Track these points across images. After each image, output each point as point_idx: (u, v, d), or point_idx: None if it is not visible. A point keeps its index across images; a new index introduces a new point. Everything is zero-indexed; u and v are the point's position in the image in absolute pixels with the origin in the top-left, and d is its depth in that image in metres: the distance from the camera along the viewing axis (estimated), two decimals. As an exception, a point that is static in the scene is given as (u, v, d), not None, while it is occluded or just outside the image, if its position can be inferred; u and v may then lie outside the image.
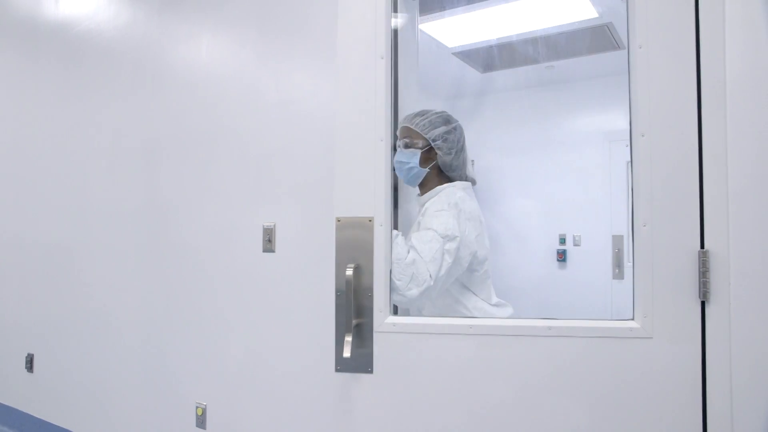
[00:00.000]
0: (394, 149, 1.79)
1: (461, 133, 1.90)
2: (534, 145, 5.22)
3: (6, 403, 3.71)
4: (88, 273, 3.18)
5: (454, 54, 4.45)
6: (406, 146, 1.84)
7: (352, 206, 1.47)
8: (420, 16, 2.15)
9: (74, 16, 3.38)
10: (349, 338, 1.40)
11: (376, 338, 1.45)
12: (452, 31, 3.98)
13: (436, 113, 1.88)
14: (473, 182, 1.96)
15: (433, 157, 1.85)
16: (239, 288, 2.44)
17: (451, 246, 1.69)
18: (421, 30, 2.20)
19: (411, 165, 1.83)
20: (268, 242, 2.31)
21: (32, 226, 3.61)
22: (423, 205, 1.84)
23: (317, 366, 2.14)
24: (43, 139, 3.56)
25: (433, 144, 1.84)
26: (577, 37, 4.02)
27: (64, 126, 3.40)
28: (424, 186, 1.89)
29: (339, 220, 1.48)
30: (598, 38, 4.14)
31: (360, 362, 1.45)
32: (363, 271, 1.45)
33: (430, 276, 1.62)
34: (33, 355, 3.51)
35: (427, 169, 1.85)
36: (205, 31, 2.65)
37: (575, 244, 5.10)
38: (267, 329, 2.33)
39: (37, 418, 3.47)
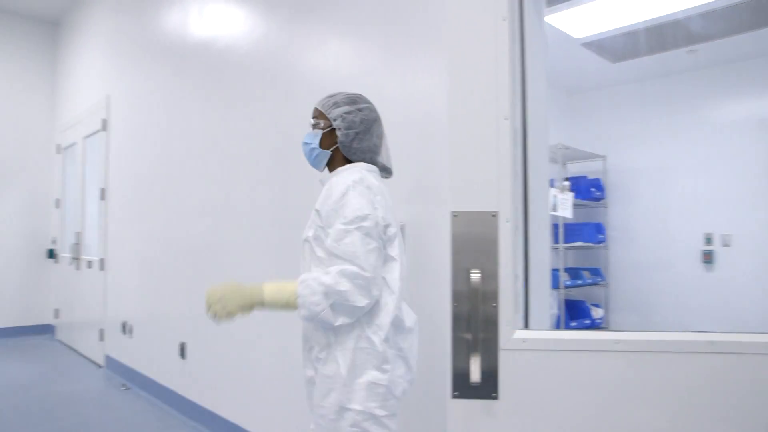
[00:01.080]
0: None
1: (368, 116, 1.81)
2: (674, 136, 4.83)
3: (164, 384, 4.14)
4: (230, 268, 3.45)
5: (582, 45, 4.23)
6: (313, 127, 1.81)
7: (471, 198, 1.24)
8: (546, 8, 2.05)
9: (215, 33, 3.68)
10: (476, 358, 1.18)
11: (502, 357, 1.19)
12: (580, 20, 3.79)
13: (346, 94, 1.83)
14: (386, 172, 1.90)
15: (336, 140, 1.79)
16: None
17: (366, 225, 1.59)
18: (547, 22, 2.11)
19: (313, 146, 1.80)
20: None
21: (181, 226, 3.99)
22: (324, 187, 1.76)
23: (427, 390, 2.00)
24: (189, 146, 3.92)
25: (333, 124, 1.78)
26: (729, 15, 3.63)
27: (207, 134, 3.72)
28: (330, 170, 1.84)
29: (455, 215, 1.25)
30: (756, 13, 3.69)
31: (482, 387, 1.19)
32: (484, 276, 1.20)
33: (363, 271, 1.54)
34: (185, 343, 3.88)
35: (328, 152, 1.80)
36: (331, 38, 2.76)
37: (724, 245, 4.64)
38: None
39: (188, 399, 3.83)
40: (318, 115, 1.83)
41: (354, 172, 1.71)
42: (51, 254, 6.81)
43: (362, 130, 1.79)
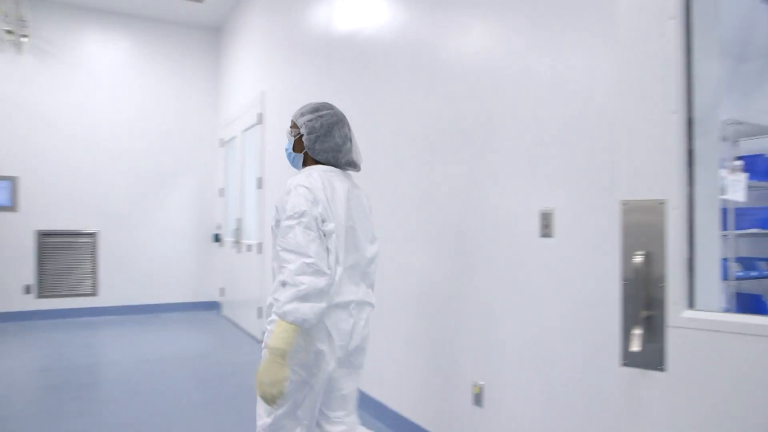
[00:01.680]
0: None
1: (329, 121, 2.11)
2: None
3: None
4: (404, 253, 3.56)
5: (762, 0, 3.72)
6: (288, 135, 2.19)
7: (640, 188, 1.34)
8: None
9: (358, 25, 3.80)
10: (637, 331, 1.29)
11: (670, 334, 1.28)
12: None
13: (312, 104, 2.16)
14: (352, 166, 2.19)
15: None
16: (516, 271, 2.45)
17: (302, 221, 1.89)
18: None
19: (289, 150, 2.17)
20: (546, 227, 2.27)
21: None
22: None
23: (598, 358, 2.04)
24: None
25: (300, 130, 2.12)
26: None
27: (354, 123, 3.85)
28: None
29: (625, 204, 1.36)
30: None
31: (650, 358, 1.31)
32: (653, 259, 1.31)
33: (302, 264, 1.83)
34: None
35: (300, 154, 2.15)
36: (475, 22, 2.72)
37: None
38: (544, 314, 2.31)
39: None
40: (292, 124, 2.17)
41: (302, 177, 2.02)
42: (216, 238, 7.55)
43: (323, 133, 2.10)
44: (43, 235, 6.86)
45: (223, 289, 7.34)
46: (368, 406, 3.52)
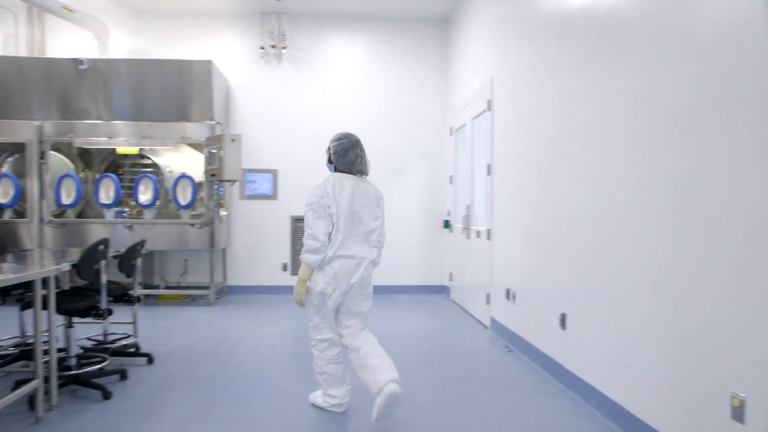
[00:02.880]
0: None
1: (345, 145, 3.39)
2: None
3: (543, 351, 4.27)
4: (611, 241, 3.29)
5: None
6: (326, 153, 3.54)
7: None
8: None
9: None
10: None
11: None
12: None
13: (338, 135, 3.46)
14: (362, 173, 3.45)
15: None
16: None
17: (313, 207, 3.24)
18: None
19: (326, 163, 3.51)
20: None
21: (563, 198, 3.98)
22: None
23: None
24: (570, 119, 3.87)
25: (330, 151, 3.44)
26: None
27: (588, 105, 3.59)
28: None
29: None
30: None
31: None
32: None
33: (312, 234, 3.22)
34: (565, 314, 3.90)
35: (331, 165, 3.44)
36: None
37: None
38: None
39: (566, 369, 3.85)
40: (327, 148, 3.48)
41: (320, 181, 3.32)
42: (446, 224, 7.78)
43: (342, 154, 3.39)
44: (297, 220, 7.85)
45: (452, 274, 7.54)
46: (612, 413, 3.29)
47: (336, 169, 3.41)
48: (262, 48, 7.78)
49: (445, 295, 7.87)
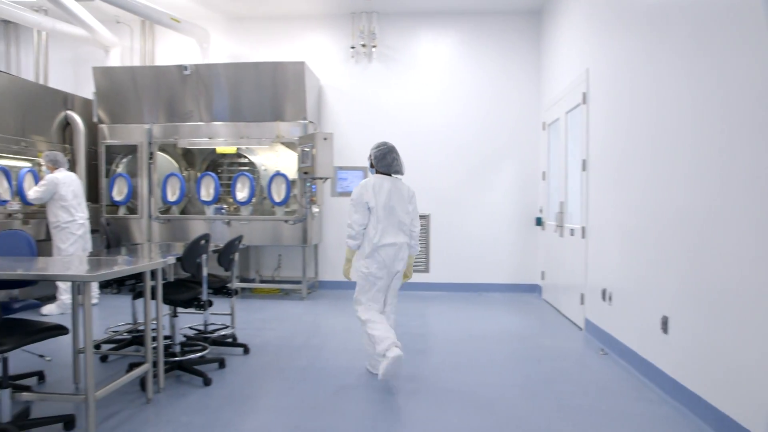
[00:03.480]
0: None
1: (382, 151, 4.13)
2: None
3: (642, 356, 4.03)
4: (727, 242, 3.04)
5: None
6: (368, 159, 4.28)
7: None
8: None
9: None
10: None
11: None
12: None
13: (377, 144, 4.21)
14: (398, 173, 4.17)
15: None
16: None
17: (354, 203, 4.01)
18: None
19: (368, 167, 4.25)
20: None
21: (666, 196, 3.74)
22: None
23: None
24: (673, 111, 3.62)
25: (371, 156, 4.16)
26: None
27: (696, 97, 3.34)
28: None
29: None
30: None
31: None
32: None
33: (350, 224, 4.02)
34: (667, 317, 3.66)
35: (372, 170, 4.16)
36: None
37: None
38: None
39: (668, 376, 3.61)
40: (369, 155, 4.18)
41: (363, 181, 4.07)
42: (538, 222, 7.55)
43: (380, 158, 4.10)
44: (388, 217, 7.93)
45: (544, 273, 7.31)
46: None
47: (377, 171, 4.12)
48: (353, 47, 7.91)
49: (536, 294, 7.65)
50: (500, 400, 3.57)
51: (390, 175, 4.10)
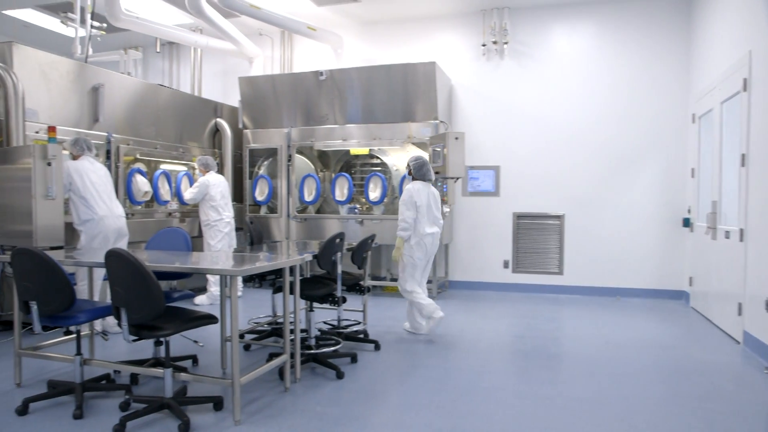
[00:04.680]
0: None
1: (419, 164, 5.30)
2: None
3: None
4: None
5: None
6: (406, 169, 5.81)
7: None
8: None
9: None
10: None
11: None
12: None
13: (413, 157, 5.43)
14: (430, 181, 5.33)
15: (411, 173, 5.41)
16: None
17: (406, 203, 5.18)
18: None
19: (405, 175, 6.37)
20: None
21: None
22: None
23: None
24: None
25: (411, 167, 5.36)
26: None
27: None
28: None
29: None
30: None
31: None
32: None
33: (404, 219, 5.17)
34: None
35: (410, 177, 5.38)
36: None
37: None
38: None
39: None
40: (407, 165, 5.47)
41: (410, 185, 5.26)
42: (686, 223, 6.93)
43: (417, 169, 5.31)
44: (519, 217, 7.74)
45: (692, 279, 6.68)
46: None
47: (414, 178, 5.30)
48: (484, 45, 7.80)
49: (683, 301, 7.02)
50: (639, 415, 3.32)
51: (425, 181, 5.27)
